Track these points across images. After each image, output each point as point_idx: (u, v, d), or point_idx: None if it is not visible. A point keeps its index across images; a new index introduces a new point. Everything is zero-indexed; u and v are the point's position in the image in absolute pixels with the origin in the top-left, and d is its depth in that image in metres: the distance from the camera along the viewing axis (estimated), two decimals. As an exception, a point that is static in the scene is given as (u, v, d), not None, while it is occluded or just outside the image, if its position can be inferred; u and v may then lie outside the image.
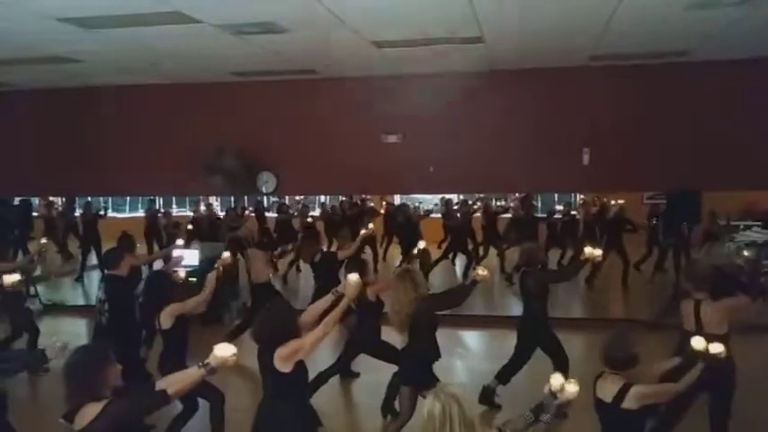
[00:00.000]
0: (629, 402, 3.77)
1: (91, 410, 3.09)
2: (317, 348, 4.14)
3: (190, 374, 3.38)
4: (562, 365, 6.23)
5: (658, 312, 7.26)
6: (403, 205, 12.78)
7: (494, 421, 6.01)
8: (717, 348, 3.92)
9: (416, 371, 5.19)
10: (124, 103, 9.06)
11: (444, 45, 6.65)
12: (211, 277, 5.51)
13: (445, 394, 2.80)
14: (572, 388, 3.25)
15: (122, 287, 6.00)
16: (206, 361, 3.33)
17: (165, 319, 5.24)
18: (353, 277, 4.25)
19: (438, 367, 5.31)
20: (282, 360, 3.90)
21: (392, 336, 5.77)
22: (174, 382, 3.33)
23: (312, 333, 4.12)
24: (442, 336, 5.41)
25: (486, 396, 6.24)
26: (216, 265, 5.74)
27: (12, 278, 5.62)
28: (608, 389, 3.85)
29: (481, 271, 5.48)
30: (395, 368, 6.12)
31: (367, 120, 8.56)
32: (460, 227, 12.37)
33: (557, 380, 3.26)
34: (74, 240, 13.79)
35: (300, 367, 3.99)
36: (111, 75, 8.20)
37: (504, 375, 6.34)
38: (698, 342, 3.98)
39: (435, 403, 2.77)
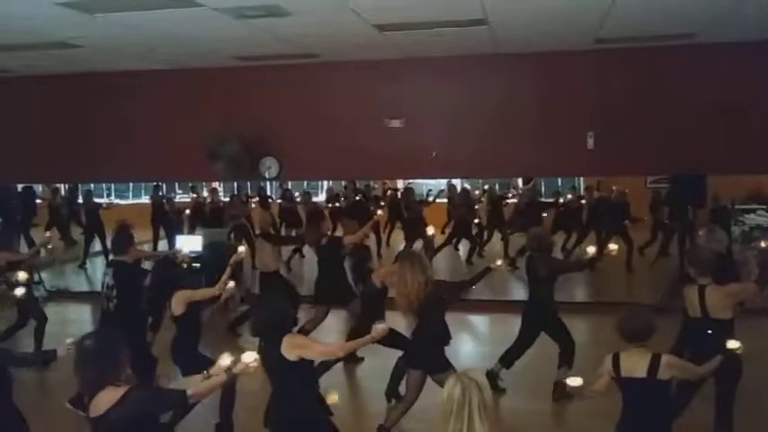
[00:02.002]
0: (662, 372, 3.76)
1: (108, 397, 3.06)
2: (320, 356, 4.21)
3: (212, 382, 3.45)
4: (568, 351, 6.23)
5: (662, 296, 7.24)
6: (407, 190, 12.68)
7: (498, 405, 6.03)
8: (734, 345, 4.09)
9: (427, 354, 5.19)
10: (126, 88, 9.03)
11: (447, 28, 6.59)
12: (228, 272, 5.57)
13: (468, 378, 2.77)
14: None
15: (130, 273, 6.01)
16: (228, 367, 3.43)
17: (177, 304, 5.24)
18: (382, 326, 4.27)
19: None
20: (290, 349, 3.92)
21: (394, 321, 5.77)
22: (194, 385, 3.40)
23: (326, 345, 4.21)
24: (446, 319, 5.40)
25: (491, 380, 6.24)
26: (231, 263, 5.74)
27: (25, 275, 5.72)
28: (637, 364, 3.81)
29: (499, 261, 5.58)
30: (399, 353, 6.14)
31: (370, 104, 8.53)
32: (465, 212, 12.35)
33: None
34: (76, 227, 13.81)
35: (305, 360, 4.02)
36: (112, 60, 8.16)
37: (508, 359, 6.35)
38: (733, 344, 4.10)
39: (456, 386, 2.74)
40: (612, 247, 6.82)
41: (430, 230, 6.90)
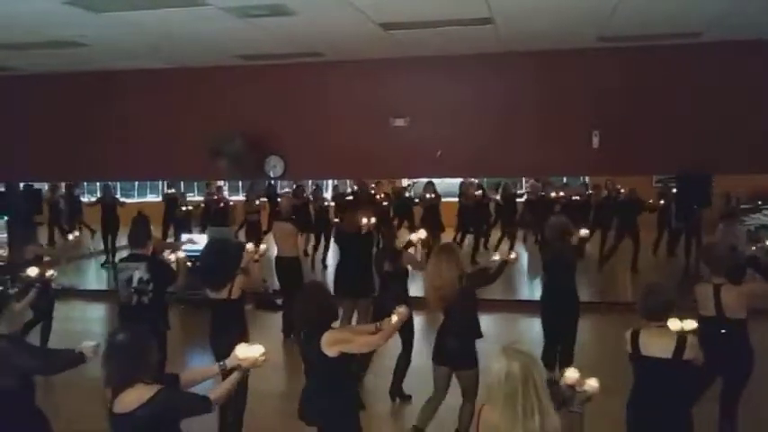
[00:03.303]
0: (688, 353, 3.69)
1: (137, 394, 3.06)
2: (361, 349, 4.28)
3: (228, 384, 3.43)
4: (570, 351, 6.17)
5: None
6: (429, 183, 12.56)
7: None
8: (691, 325, 3.88)
9: (455, 350, 5.08)
10: (131, 87, 9.03)
11: (452, 27, 6.58)
12: (258, 267, 5.67)
13: (519, 353, 2.59)
14: (593, 383, 3.14)
15: (165, 267, 6.04)
16: (236, 363, 3.42)
17: (237, 288, 5.29)
18: (404, 309, 4.28)
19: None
20: (329, 345, 3.93)
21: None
22: (202, 374, 3.46)
23: (366, 338, 4.21)
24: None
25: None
26: (257, 259, 5.77)
27: (54, 273, 5.73)
28: (660, 344, 3.73)
29: (513, 255, 5.62)
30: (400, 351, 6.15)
31: (374, 103, 8.51)
32: (475, 208, 12.40)
33: (573, 373, 3.15)
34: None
35: (345, 354, 4.05)
36: (117, 59, 8.16)
37: (547, 359, 6.18)
38: (673, 323, 3.91)
39: (513, 363, 2.56)
40: (584, 231, 6.72)
41: (422, 233, 6.72)
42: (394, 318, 4.19)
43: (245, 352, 3.45)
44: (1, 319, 4.15)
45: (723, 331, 4.60)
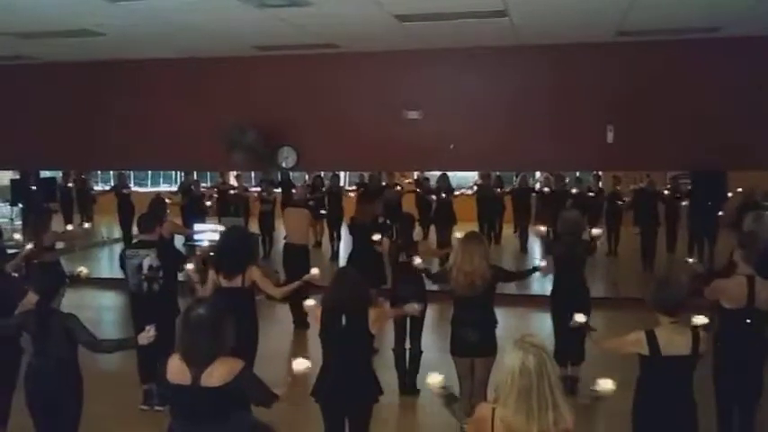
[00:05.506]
0: (702, 347, 3.69)
1: (228, 367, 3.14)
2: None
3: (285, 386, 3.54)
4: (579, 344, 6.15)
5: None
6: (443, 176, 12.50)
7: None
8: (702, 320, 3.95)
9: (481, 338, 5.05)
10: (145, 76, 9.06)
11: (468, 19, 6.55)
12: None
13: (535, 346, 2.52)
14: (608, 385, 3.18)
15: (175, 253, 6.03)
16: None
17: (249, 279, 5.35)
18: (417, 306, 4.65)
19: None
20: (374, 322, 4.07)
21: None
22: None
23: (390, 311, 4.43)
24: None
25: (572, 386, 6.15)
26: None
27: (86, 271, 5.87)
28: (679, 341, 3.68)
29: (544, 263, 5.65)
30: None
31: (388, 95, 8.50)
32: (489, 200, 12.39)
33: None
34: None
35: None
36: (131, 48, 8.19)
37: (561, 356, 6.11)
38: (698, 319, 3.97)
39: (528, 356, 2.49)
40: (596, 231, 6.76)
41: (417, 260, 6.65)
42: (407, 308, 4.46)
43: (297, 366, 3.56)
44: (58, 298, 4.40)
45: (749, 321, 4.51)
